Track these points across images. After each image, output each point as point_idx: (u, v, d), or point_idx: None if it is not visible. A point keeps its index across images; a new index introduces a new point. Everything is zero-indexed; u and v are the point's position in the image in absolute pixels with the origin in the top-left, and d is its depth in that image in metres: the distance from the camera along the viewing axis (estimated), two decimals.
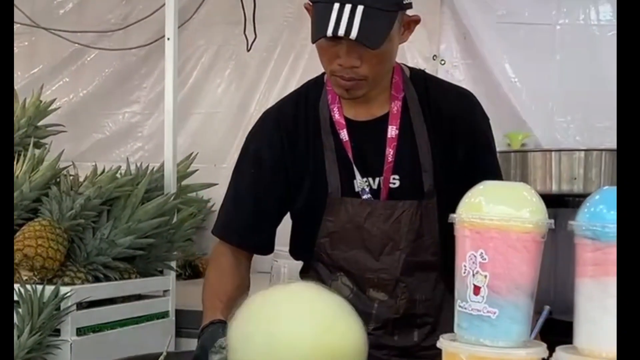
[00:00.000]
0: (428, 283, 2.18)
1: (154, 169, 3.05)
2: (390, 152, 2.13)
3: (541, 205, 1.52)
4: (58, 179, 2.84)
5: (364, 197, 2.15)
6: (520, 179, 3.61)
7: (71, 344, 2.54)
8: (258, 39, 4.27)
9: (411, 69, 2.24)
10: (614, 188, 1.42)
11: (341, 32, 1.92)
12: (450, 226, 1.54)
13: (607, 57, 3.88)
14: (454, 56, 4.37)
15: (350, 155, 2.15)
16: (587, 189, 3.67)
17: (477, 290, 1.48)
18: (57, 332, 2.53)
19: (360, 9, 1.93)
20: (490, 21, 4.33)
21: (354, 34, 1.91)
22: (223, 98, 4.71)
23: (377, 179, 2.14)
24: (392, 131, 2.14)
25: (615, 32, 4.05)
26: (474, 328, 1.49)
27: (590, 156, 3.80)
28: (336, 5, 1.94)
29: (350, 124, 2.17)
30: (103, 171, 2.91)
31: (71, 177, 2.85)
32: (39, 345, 2.43)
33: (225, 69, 4.70)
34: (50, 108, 3.32)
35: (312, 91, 2.24)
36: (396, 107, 2.15)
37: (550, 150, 3.90)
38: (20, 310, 2.44)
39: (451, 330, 1.62)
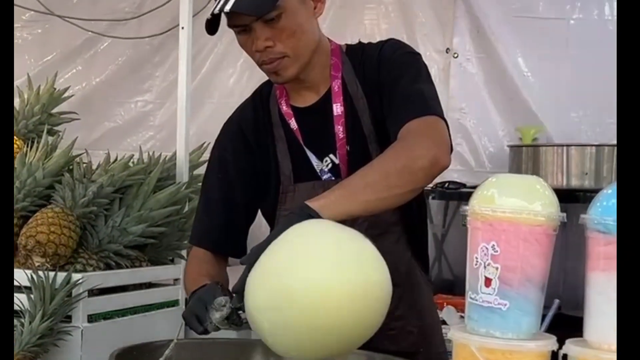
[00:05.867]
0: (394, 248, 2.12)
1: (166, 158, 3.05)
2: (339, 129, 2.14)
3: (553, 198, 1.52)
4: (71, 167, 2.85)
5: (324, 177, 2.15)
6: (531, 173, 3.60)
7: (82, 330, 2.55)
8: None
9: (348, 45, 2.24)
10: None
11: (217, 10, 1.96)
12: None
13: None
14: (467, 49, 4.36)
15: (301, 141, 2.16)
16: (598, 185, 3.67)
17: (488, 282, 1.49)
18: (68, 318, 2.54)
19: None
20: (504, 15, 4.33)
21: (228, 7, 1.94)
22: (235, 88, 4.72)
23: (337, 155, 2.15)
24: (337, 109, 2.15)
25: None
26: (484, 320, 1.50)
27: (602, 151, 3.80)
28: None
29: (298, 111, 2.19)
30: (116, 159, 2.92)
31: (84, 165, 2.85)
32: (50, 331, 2.44)
33: (238, 58, 4.70)
34: (63, 96, 3.32)
35: (265, 89, 2.26)
36: (337, 85, 2.16)
37: (562, 145, 3.90)
38: (32, 296, 2.45)
39: (416, 298, 1.57)
